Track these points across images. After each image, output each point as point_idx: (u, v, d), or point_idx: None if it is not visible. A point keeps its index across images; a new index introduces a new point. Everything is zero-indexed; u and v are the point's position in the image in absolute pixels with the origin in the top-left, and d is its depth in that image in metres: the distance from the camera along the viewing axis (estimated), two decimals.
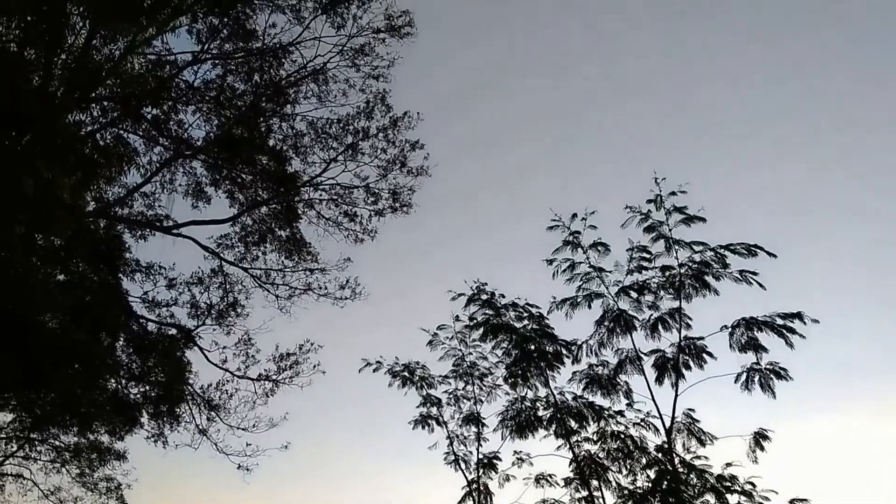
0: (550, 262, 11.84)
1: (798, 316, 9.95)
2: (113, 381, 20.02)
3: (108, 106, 19.13)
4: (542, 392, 12.20)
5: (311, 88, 19.96)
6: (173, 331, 20.69)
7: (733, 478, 10.27)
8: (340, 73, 20.12)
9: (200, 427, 20.77)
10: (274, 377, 21.17)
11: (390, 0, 19.91)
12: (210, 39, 19.20)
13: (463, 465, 12.79)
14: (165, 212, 20.56)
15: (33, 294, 11.81)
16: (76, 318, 17.92)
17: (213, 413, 20.85)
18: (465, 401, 13.34)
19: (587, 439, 11.81)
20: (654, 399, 10.79)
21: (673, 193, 10.85)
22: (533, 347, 12.19)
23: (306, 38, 19.57)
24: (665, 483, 10.50)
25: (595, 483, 11.36)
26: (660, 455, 11.06)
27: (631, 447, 11.39)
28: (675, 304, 10.97)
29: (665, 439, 10.77)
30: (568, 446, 11.66)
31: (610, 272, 11.51)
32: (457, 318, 13.10)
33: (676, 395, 10.60)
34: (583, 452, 11.67)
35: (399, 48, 20.23)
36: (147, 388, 20.47)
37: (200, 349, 20.81)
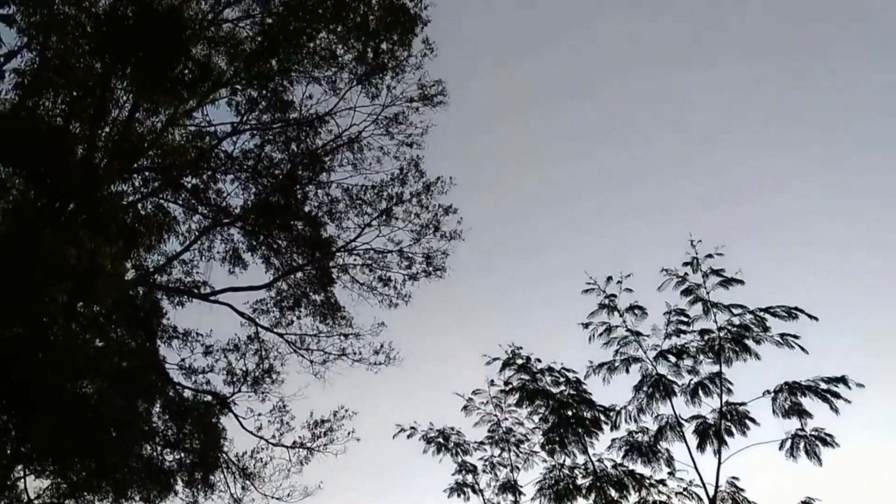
0: (586, 325, 11.72)
1: (842, 380, 9.69)
2: (148, 447, 20.03)
3: (149, 176, 19.71)
4: (581, 459, 11.93)
5: (346, 156, 20.43)
6: (209, 397, 20.75)
7: None
8: (375, 140, 20.59)
9: (235, 496, 20.60)
10: (309, 445, 21.01)
11: (423, 70, 20.45)
12: (249, 111, 19.79)
13: None
14: (203, 278, 20.90)
15: (73, 362, 11.98)
16: (114, 384, 18.08)
17: (247, 481, 20.69)
18: (501, 468, 13.07)
19: None
20: (696, 467, 10.51)
21: (709, 256, 10.75)
22: (571, 413, 11.99)
23: (342, 108, 20.13)
24: None
25: None
26: None
27: None
28: (715, 368, 10.76)
29: None
30: None
31: (647, 336, 11.36)
32: (492, 383, 12.96)
33: (720, 463, 10.31)
34: None
35: (432, 116, 20.67)
36: (182, 454, 20.42)
37: (236, 416, 20.80)
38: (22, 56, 18.22)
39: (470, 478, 13.07)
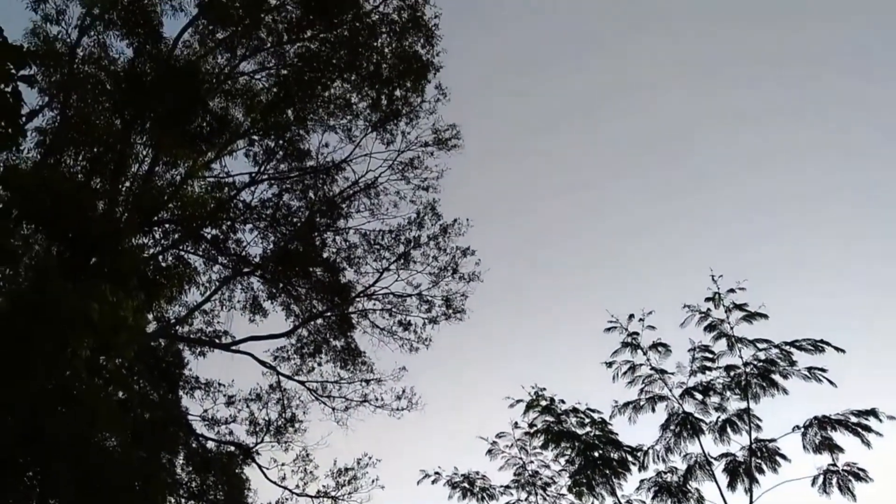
0: (610, 364, 11.61)
1: (873, 413, 9.50)
2: (172, 500, 19.91)
3: (169, 228, 19.91)
4: (609, 501, 11.71)
5: (363, 202, 20.60)
6: (232, 448, 20.65)
7: None
8: (391, 185, 20.78)
9: None
10: (333, 494, 20.78)
11: (437, 115, 20.69)
12: (266, 161, 20.07)
13: None
14: (224, 328, 20.97)
15: (97, 418, 11.98)
16: (137, 437, 18.05)
17: None
18: None
19: None
20: None
21: (731, 290, 10.65)
22: (597, 454, 11.80)
23: (358, 154, 20.38)
24: None
25: None
26: None
27: None
28: (743, 404, 10.58)
29: None
30: None
31: (672, 374, 11.21)
32: (516, 425, 12.79)
33: (751, 501, 10.08)
34: None
35: (447, 159, 20.85)
36: None
37: (259, 466, 20.66)
38: (43, 115, 18.67)
39: None
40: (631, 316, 11.63)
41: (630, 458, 11.69)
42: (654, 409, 11.20)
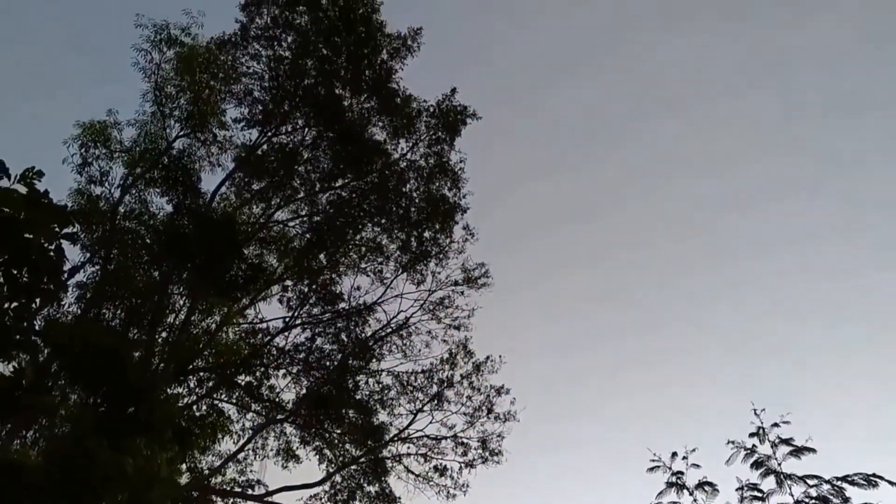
0: None
1: None
2: None
3: (203, 376, 19.98)
4: None
5: (395, 343, 20.60)
6: None
7: None
8: (423, 325, 20.88)
9: None
10: None
11: (466, 254, 21.04)
12: (300, 305, 20.35)
13: None
14: (257, 476, 20.57)
15: None
16: None
17: None
18: None
19: None
20: None
21: (776, 425, 10.34)
22: None
23: (389, 296, 20.62)
24: None
25: None
26: None
27: None
28: None
29: None
30: None
31: None
32: None
33: None
34: None
35: (477, 298, 20.99)
36: None
37: None
38: (85, 270, 19.27)
39: None
40: (674, 454, 11.24)
41: None
42: None
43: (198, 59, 19.66)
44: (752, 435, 10.56)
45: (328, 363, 20.16)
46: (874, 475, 9.54)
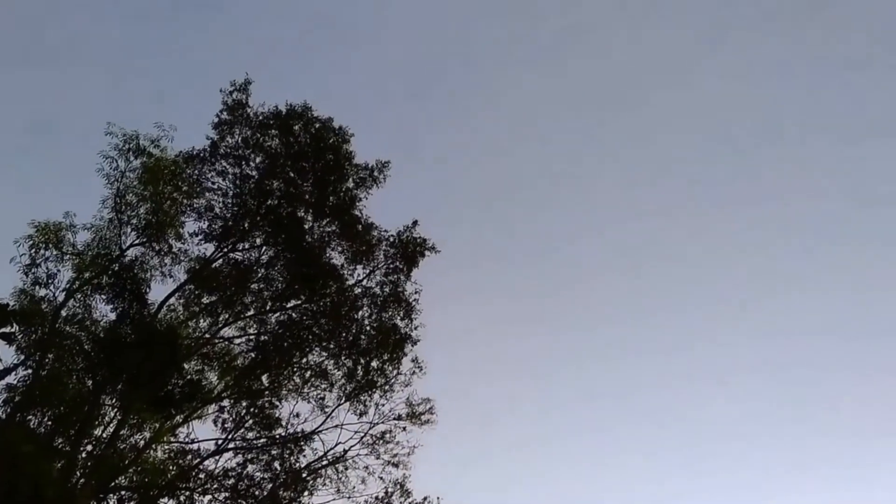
0: None
1: None
2: None
3: (125, 496, 18.98)
4: None
5: (330, 477, 19.88)
6: None
7: None
8: (360, 460, 20.26)
9: None
10: None
11: (412, 388, 20.80)
12: (235, 428, 19.68)
13: None
14: None
15: None
16: None
17: None
18: None
19: None
20: None
21: None
22: None
23: (328, 426, 20.15)
24: None
25: None
26: None
27: None
28: None
29: None
30: None
31: None
32: None
33: None
34: None
35: (420, 435, 20.59)
36: None
37: None
38: (17, 373, 18.48)
39: None
40: None
41: None
42: None
43: (163, 171, 19.72)
44: None
45: (258, 492, 19.23)
46: None
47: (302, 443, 19.70)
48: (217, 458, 19.52)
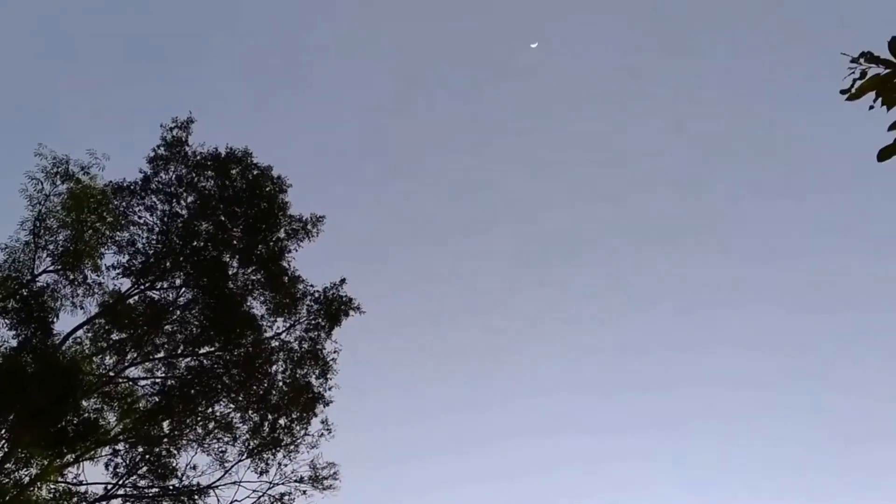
0: None
1: None
2: None
3: None
4: None
5: None
6: None
7: None
8: None
9: None
10: None
11: (318, 450, 20.31)
12: (128, 474, 18.86)
13: None
14: None
15: None
16: None
17: None
18: None
19: None
20: None
21: None
22: None
23: (226, 481, 19.48)
24: None
25: None
26: None
27: None
28: None
29: None
30: None
31: None
32: None
33: None
34: None
35: (321, 500, 20.07)
36: None
37: None
38: None
39: None
40: None
41: None
42: None
43: (89, 199, 19.21)
44: None
45: None
46: None
47: (196, 496, 18.94)
48: (104, 503, 18.62)
